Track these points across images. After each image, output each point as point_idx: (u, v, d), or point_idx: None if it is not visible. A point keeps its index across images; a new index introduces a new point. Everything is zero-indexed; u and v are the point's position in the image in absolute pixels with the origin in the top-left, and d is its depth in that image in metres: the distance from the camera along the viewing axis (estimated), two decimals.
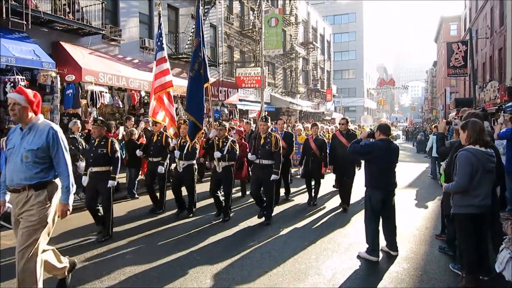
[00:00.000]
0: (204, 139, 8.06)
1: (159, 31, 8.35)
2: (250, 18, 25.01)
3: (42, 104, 10.19)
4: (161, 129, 7.93)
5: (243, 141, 9.28)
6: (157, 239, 6.04)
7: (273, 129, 10.30)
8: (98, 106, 11.57)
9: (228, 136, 7.18)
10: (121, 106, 12.96)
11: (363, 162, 6.20)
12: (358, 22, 61.84)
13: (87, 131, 9.33)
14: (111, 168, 5.95)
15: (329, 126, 16.64)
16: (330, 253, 5.41)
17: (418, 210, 8.05)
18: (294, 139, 9.22)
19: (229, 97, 20.52)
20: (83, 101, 11.13)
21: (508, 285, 3.73)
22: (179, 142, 7.45)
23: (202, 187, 9.68)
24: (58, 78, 10.38)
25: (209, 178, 8.26)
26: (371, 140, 5.31)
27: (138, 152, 7.95)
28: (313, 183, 8.64)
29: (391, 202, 5.23)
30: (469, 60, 22.42)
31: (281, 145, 6.75)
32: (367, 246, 5.15)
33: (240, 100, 22.42)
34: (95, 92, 11.29)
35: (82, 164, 7.99)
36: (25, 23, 9.81)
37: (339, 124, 8.36)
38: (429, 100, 70.71)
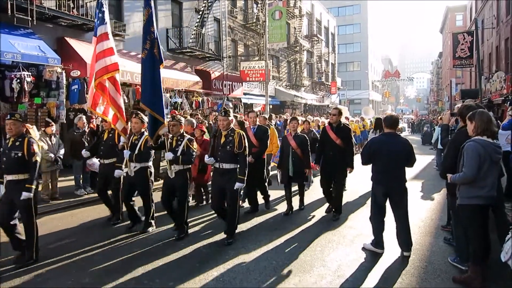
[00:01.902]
0: (203, 137, 7.52)
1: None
2: (254, 11, 24.91)
3: (48, 100, 10.39)
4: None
5: (205, 137, 7.77)
6: (100, 260, 4.93)
7: (277, 123, 9.98)
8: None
9: (185, 134, 5.92)
10: (126, 101, 13.00)
11: (357, 162, 6.01)
12: (363, 13, 61.32)
13: (92, 127, 9.43)
14: (28, 175, 4.71)
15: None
16: (336, 245, 5.45)
17: (423, 202, 8.06)
18: (278, 134, 8.04)
19: (233, 91, 20.53)
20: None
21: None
22: (131, 139, 6.12)
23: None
24: (64, 74, 10.46)
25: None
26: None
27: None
28: (295, 188, 7.45)
29: (400, 199, 4.94)
30: (475, 50, 22.22)
31: (246, 145, 5.49)
32: (372, 238, 5.18)
33: (244, 94, 22.43)
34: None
35: (94, 161, 7.64)
36: (30, 19, 9.88)
37: (330, 115, 7.05)
38: (434, 91, 70.23)
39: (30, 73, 9.78)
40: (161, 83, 5.79)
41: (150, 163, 6.19)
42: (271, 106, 23.23)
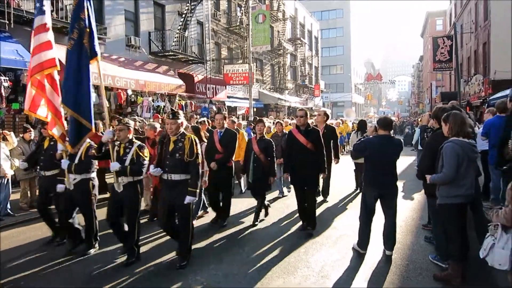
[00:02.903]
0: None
1: None
2: (238, 15, 24.94)
3: None
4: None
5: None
6: None
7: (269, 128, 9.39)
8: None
9: (134, 140, 5.03)
10: (107, 105, 12.84)
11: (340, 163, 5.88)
12: (346, 18, 62.04)
13: None
14: None
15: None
16: (319, 246, 5.47)
17: (405, 202, 8.17)
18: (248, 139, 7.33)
19: (217, 94, 20.48)
20: None
21: (490, 272, 3.83)
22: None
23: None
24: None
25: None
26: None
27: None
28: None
29: (391, 201, 4.98)
30: (454, 54, 22.72)
31: (199, 151, 4.78)
32: (358, 238, 5.20)
33: (228, 97, 22.39)
34: None
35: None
36: (7, 22, 9.70)
37: (296, 116, 6.27)
38: (415, 94, 71.48)
39: (7, 78, 9.57)
40: (90, 81, 4.97)
41: (93, 174, 5.42)
42: (255, 109, 23.25)
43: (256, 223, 6.52)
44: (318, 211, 7.48)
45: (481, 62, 23.25)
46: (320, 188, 8.04)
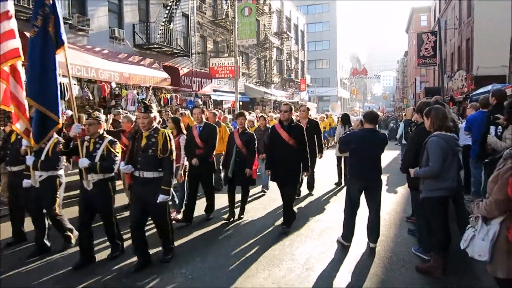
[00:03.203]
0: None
1: None
2: (223, 7, 24.76)
3: None
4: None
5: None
6: None
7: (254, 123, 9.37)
8: (66, 99, 11.24)
9: (105, 135, 4.73)
10: (91, 98, 12.64)
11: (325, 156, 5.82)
12: (332, 12, 62.20)
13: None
14: None
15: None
16: (304, 239, 5.51)
17: (388, 195, 8.28)
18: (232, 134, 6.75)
19: (203, 87, 20.38)
20: None
21: (470, 263, 3.91)
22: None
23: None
24: (23, 70, 10.00)
25: None
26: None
27: None
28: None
29: (375, 194, 5.03)
30: (438, 50, 23.02)
31: (173, 147, 4.49)
32: (342, 231, 5.25)
33: (214, 90, 22.29)
34: (63, 84, 10.96)
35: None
36: None
37: (280, 111, 6.20)
38: (400, 89, 72.27)
39: None
40: (57, 71, 4.65)
41: (61, 172, 5.11)
42: (241, 103, 23.18)
43: (242, 215, 6.52)
44: (303, 204, 7.57)
45: (464, 58, 23.60)
46: (305, 182, 8.06)
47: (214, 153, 6.60)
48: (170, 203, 5.03)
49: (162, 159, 4.38)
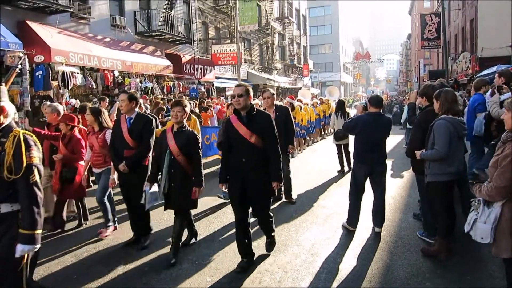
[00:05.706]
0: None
1: None
2: None
3: (11, 87, 9.96)
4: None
5: (75, 133, 5.35)
6: None
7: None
8: (70, 88, 11.26)
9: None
10: (94, 87, 12.65)
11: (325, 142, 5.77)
12: None
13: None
14: None
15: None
16: (309, 225, 5.55)
17: (393, 180, 8.28)
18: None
19: (205, 75, 20.28)
20: (54, 83, 10.82)
21: (473, 245, 3.94)
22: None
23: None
24: (26, 59, 10.02)
25: None
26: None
27: None
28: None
29: (380, 179, 5.06)
30: (442, 31, 22.75)
31: (35, 161, 2.62)
32: (347, 216, 5.28)
33: (216, 77, 22.21)
34: (66, 73, 10.96)
35: None
36: None
37: (234, 97, 4.14)
38: (403, 72, 71.68)
39: None
40: None
41: None
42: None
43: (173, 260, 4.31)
44: (306, 188, 7.56)
45: (468, 39, 23.31)
46: (282, 190, 6.63)
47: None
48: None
49: (14, 182, 2.54)
